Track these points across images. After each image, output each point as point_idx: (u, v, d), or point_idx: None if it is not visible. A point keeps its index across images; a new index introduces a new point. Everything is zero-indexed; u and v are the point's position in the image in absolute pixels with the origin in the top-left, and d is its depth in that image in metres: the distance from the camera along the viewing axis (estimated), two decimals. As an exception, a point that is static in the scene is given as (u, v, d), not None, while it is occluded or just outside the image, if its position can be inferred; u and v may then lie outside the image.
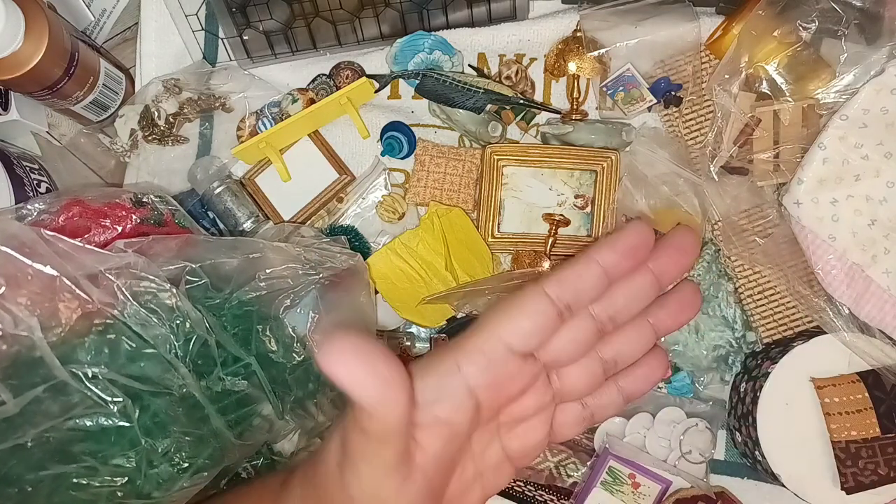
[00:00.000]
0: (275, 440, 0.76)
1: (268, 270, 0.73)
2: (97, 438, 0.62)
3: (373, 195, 0.92)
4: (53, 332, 0.62)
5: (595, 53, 0.88)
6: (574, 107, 0.91)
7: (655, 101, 0.88)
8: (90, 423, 0.61)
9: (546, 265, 0.88)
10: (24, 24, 0.78)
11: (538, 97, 0.94)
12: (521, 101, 0.90)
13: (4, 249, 0.62)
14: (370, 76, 0.92)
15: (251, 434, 0.71)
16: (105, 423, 0.61)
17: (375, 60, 0.94)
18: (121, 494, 0.61)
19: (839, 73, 0.81)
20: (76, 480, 0.60)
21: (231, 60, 0.94)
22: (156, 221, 0.76)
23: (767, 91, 0.83)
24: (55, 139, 0.99)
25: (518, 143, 0.92)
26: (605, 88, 0.89)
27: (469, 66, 0.94)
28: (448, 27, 0.92)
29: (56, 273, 0.63)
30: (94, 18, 0.97)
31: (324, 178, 0.92)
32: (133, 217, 0.74)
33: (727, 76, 0.83)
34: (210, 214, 0.92)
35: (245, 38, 0.91)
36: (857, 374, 0.79)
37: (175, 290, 0.65)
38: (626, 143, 0.90)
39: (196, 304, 0.66)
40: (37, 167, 0.94)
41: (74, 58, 0.85)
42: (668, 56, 0.89)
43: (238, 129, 0.94)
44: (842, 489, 0.77)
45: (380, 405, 0.35)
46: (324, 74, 0.95)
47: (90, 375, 0.61)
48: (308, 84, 0.95)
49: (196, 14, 0.94)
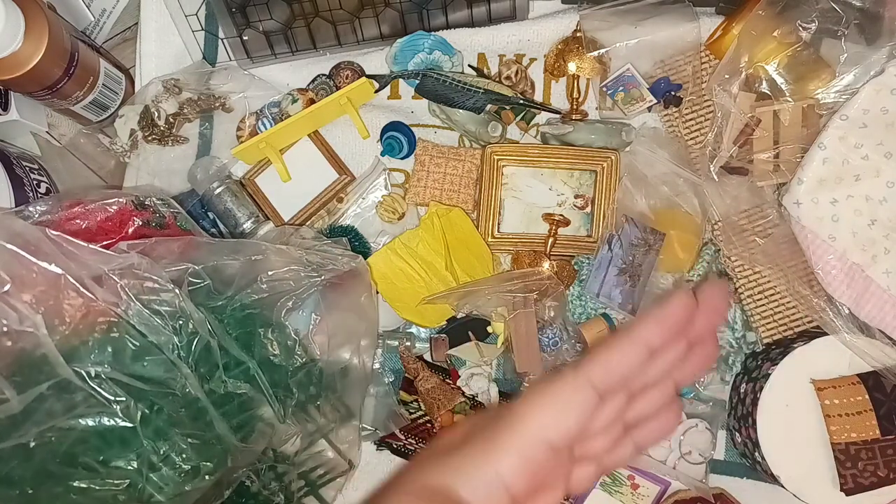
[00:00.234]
0: (277, 444, 0.76)
1: (270, 273, 0.73)
2: (99, 439, 0.62)
3: (373, 195, 0.92)
4: (58, 331, 0.62)
5: (595, 53, 0.88)
6: (574, 107, 0.91)
7: (655, 101, 0.88)
8: (92, 423, 0.61)
9: (546, 265, 0.88)
10: (24, 24, 0.78)
11: (538, 97, 0.94)
12: (521, 101, 0.90)
13: (10, 247, 0.62)
14: (370, 76, 0.92)
15: (253, 438, 0.71)
16: (107, 423, 0.61)
17: (375, 60, 0.94)
18: (122, 498, 0.61)
19: (839, 73, 0.81)
20: (77, 483, 0.60)
21: (231, 60, 0.94)
22: (157, 224, 0.76)
23: (767, 91, 0.83)
24: (55, 139, 0.99)
25: (518, 143, 0.92)
26: (605, 88, 0.89)
27: (469, 66, 0.94)
28: (448, 27, 0.93)
29: (61, 271, 0.63)
30: (94, 18, 0.97)
31: (324, 179, 0.93)
32: (135, 220, 0.75)
33: (727, 76, 0.83)
34: (210, 215, 0.92)
35: (245, 38, 0.91)
36: (858, 376, 0.79)
37: (178, 291, 0.66)
38: (626, 143, 0.90)
39: (198, 306, 0.66)
40: (36, 167, 0.94)
41: (74, 58, 0.85)
42: (668, 56, 0.89)
43: (238, 129, 0.94)
44: (841, 490, 0.78)
45: None
46: (324, 74, 0.94)
47: (93, 374, 0.62)
48: (308, 84, 0.95)
49: (196, 14, 0.94)
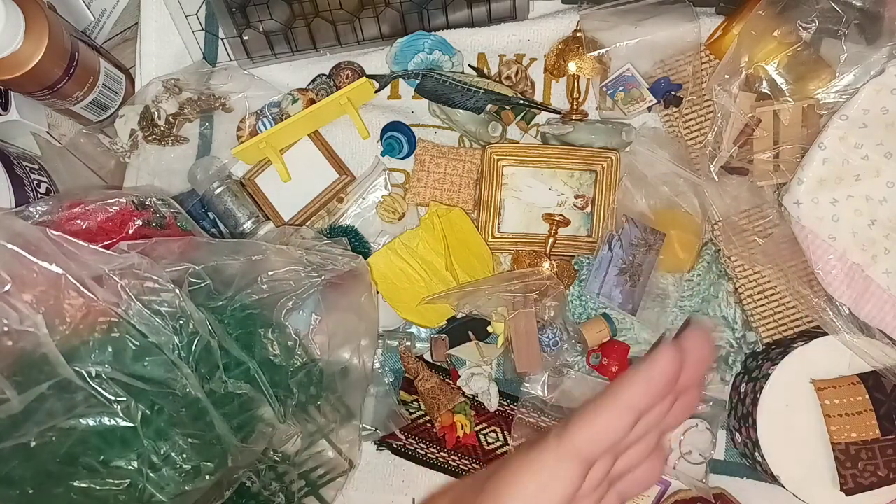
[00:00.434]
0: (278, 444, 0.76)
1: (270, 273, 0.73)
2: (99, 439, 0.62)
3: (373, 195, 0.92)
4: (58, 331, 0.62)
5: (595, 53, 0.88)
6: (574, 107, 0.91)
7: (655, 101, 0.88)
8: (93, 423, 0.61)
9: (546, 265, 0.88)
10: (24, 24, 0.78)
11: (538, 97, 0.94)
12: (521, 101, 0.90)
13: (11, 247, 0.62)
14: (370, 76, 0.92)
15: (254, 438, 0.71)
16: (108, 423, 0.61)
17: (375, 60, 0.94)
18: (123, 498, 0.61)
19: (839, 73, 0.81)
20: (77, 483, 0.60)
21: (231, 60, 0.94)
22: (158, 224, 0.76)
23: (767, 91, 0.83)
24: (55, 139, 0.99)
25: (518, 143, 0.92)
26: (605, 88, 0.89)
27: (469, 66, 0.94)
28: (448, 27, 0.93)
29: (62, 271, 0.63)
30: (94, 18, 0.97)
31: (324, 179, 0.93)
32: (135, 220, 0.75)
33: (727, 76, 0.83)
34: (210, 215, 0.92)
35: (245, 39, 0.91)
36: (858, 376, 0.79)
37: (178, 291, 0.66)
38: (626, 143, 0.90)
39: (199, 307, 0.66)
40: (37, 167, 0.94)
41: (74, 58, 0.85)
42: (668, 56, 0.89)
43: (238, 129, 0.94)
44: (841, 490, 0.78)
45: None
46: (324, 74, 0.94)
47: (94, 374, 0.62)
48: (308, 84, 0.95)
49: (196, 14, 0.94)
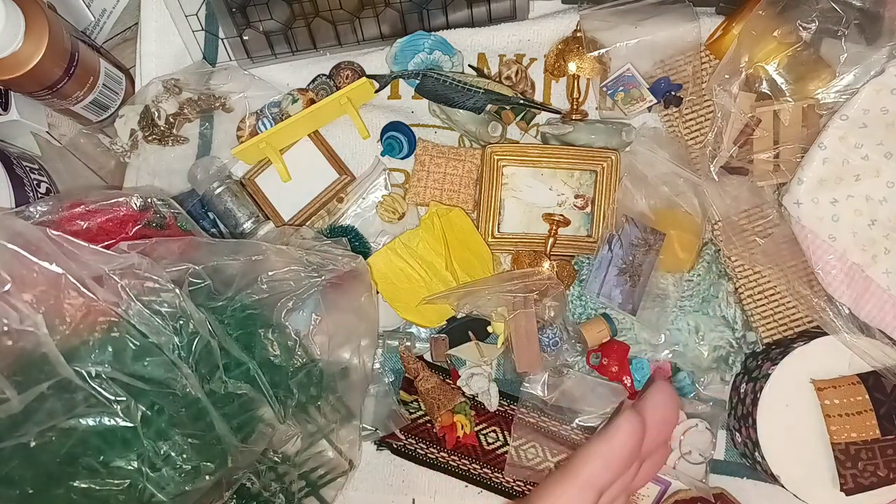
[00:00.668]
0: (278, 445, 0.76)
1: (270, 273, 0.73)
2: (100, 439, 0.62)
3: (373, 195, 0.92)
4: (58, 331, 0.62)
5: (595, 53, 0.88)
6: (574, 107, 0.91)
7: (655, 101, 0.88)
8: (93, 423, 0.61)
9: (546, 265, 0.88)
10: (24, 24, 0.78)
11: (538, 97, 0.94)
12: (521, 101, 0.90)
13: (11, 247, 0.62)
14: (370, 76, 0.92)
15: (254, 438, 0.71)
16: (108, 423, 0.61)
17: (375, 60, 0.94)
18: (123, 498, 0.61)
19: (839, 73, 0.81)
20: (78, 483, 0.60)
21: (231, 60, 0.94)
22: (158, 224, 0.76)
23: (767, 91, 0.83)
24: (55, 139, 0.99)
25: (518, 143, 0.92)
26: (605, 88, 0.89)
27: (469, 66, 0.94)
28: (448, 27, 0.93)
29: (62, 271, 0.63)
30: (94, 18, 0.97)
31: (324, 179, 0.92)
32: (136, 220, 0.74)
33: (727, 76, 0.83)
34: (210, 215, 0.92)
35: (245, 38, 0.91)
36: (858, 376, 0.79)
37: (178, 291, 0.66)
38: (626, 143, 0.90)
39: (199, 307, 0.66)
40: (37, 167, 0.93)
41: (74, 58, 0.85)
42: (668, 56, 0.89)
43: (238, 129, 0.94)
44: (841, 490, 0.78)
45: None
46: (324, 74, 0.94)
47: (94, 374, 0.62)
48: (308, 84, 0.95)
49: (196, 14, 0.94)
